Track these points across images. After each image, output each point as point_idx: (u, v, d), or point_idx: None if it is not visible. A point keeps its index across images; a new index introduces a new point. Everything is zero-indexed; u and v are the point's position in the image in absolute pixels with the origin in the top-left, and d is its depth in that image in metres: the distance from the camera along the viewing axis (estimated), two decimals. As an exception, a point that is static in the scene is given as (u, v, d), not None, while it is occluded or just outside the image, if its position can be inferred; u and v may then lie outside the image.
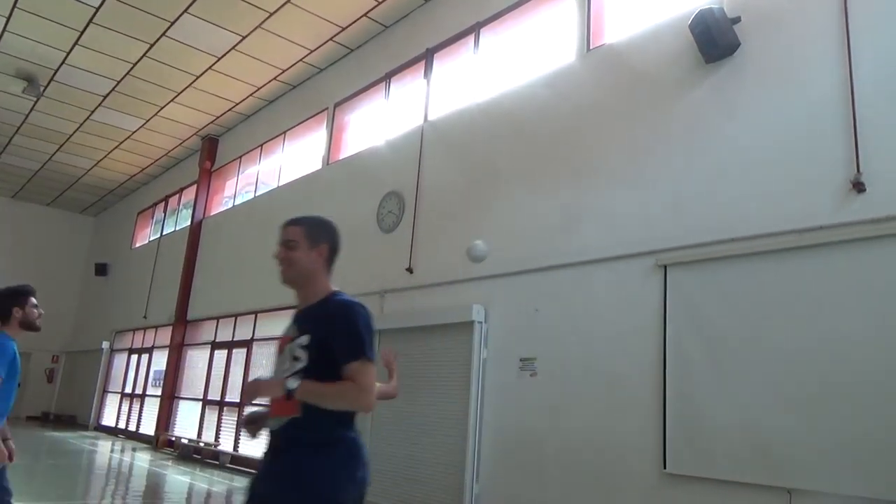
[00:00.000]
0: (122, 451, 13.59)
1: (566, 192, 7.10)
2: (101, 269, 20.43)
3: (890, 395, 4.46)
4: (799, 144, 5.33)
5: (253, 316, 12.50)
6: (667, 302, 5.85)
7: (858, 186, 4.88)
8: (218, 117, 14.58)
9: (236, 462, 11.39)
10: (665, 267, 5.94)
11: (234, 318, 13.24)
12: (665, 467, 5.54)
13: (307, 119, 12.44)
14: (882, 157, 4.86)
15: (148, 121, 14.80)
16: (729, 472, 5.14)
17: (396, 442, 8.22)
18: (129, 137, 15.82)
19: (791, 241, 5.16)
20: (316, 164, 11.84)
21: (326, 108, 11.87)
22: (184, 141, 16.04)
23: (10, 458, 3.69)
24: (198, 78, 12.63)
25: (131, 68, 12.35)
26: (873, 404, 4.51)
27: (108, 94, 13.55)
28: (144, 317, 16.98)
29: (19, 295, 3.92)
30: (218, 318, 13.86)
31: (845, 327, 4.76)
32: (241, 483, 9.57)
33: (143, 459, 12.09)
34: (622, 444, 5.95)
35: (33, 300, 3.96)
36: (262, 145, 13.93)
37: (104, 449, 13.73)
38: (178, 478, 9.80)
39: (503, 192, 7.85)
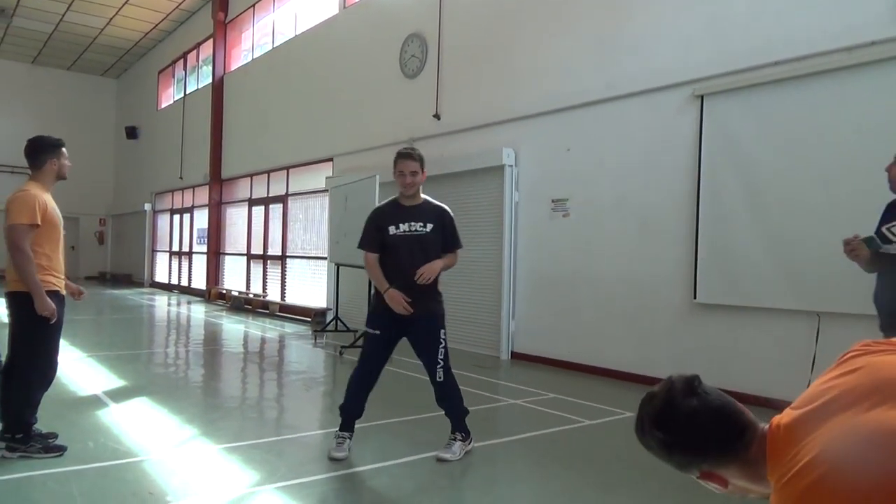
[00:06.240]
0: (178, 304, 14.49)
1: (597, 21, 6.68)
2: (132, 133, 20.52)
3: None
4: (856, -50, 4.83)
5: (285, 171, 12.61)
6: (702, 134, 5.68)
7: (919, -5, 4.47)
8: (225, -38, 13.74)
9: (284, 310, 12.08)
10: (702, 97, 5.69)
11: (266, 175, 13.39)
12: (696, 297, 5.70)
13: (318, -42, 11.65)
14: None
15: (153, -29, 14.06)
16: (759, 299, 5.26)
17: (434, 285, 8.54)
18: (136, -9, 15.15)
19: (839, 61, 4.85)
20: (332, 9, 11.26)
21: (338, -56, 11.05)
22: (193, -9, 15.33)
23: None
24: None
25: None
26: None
27: (107, -55, 12.79)
28: (180, 177, 17.29)
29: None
30: (252, 176, 14.04)
31: (886, 151, 4.59)
32: (291, 329, 10.22)
33: (198, 311, 12.92)
34: (653, 277, 6.09)
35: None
36: (274, -9, 13.23)
37: (161, 303, 14.65)
38: (234, 326, 10.50)
39: (531, 26, 7.42)
